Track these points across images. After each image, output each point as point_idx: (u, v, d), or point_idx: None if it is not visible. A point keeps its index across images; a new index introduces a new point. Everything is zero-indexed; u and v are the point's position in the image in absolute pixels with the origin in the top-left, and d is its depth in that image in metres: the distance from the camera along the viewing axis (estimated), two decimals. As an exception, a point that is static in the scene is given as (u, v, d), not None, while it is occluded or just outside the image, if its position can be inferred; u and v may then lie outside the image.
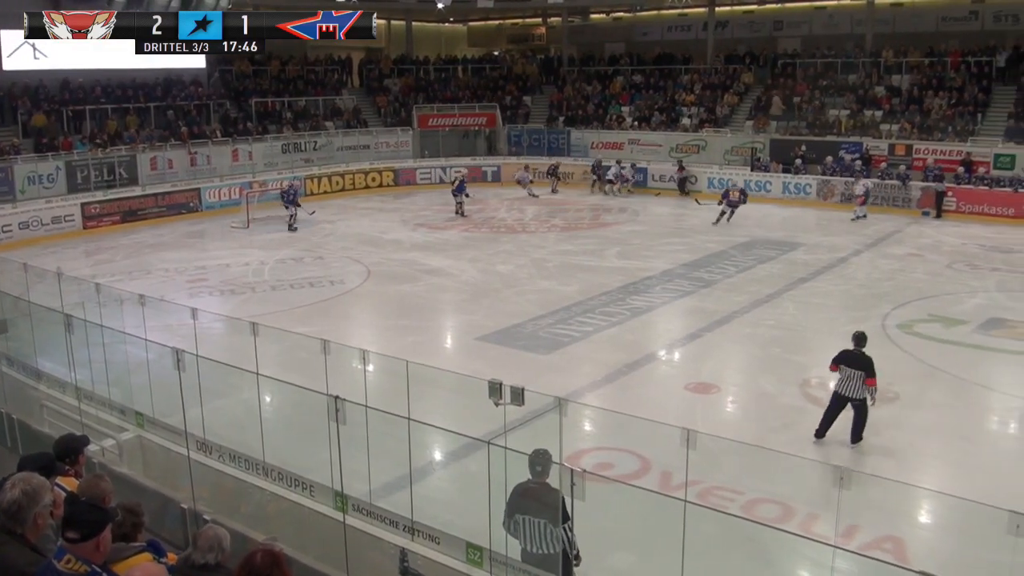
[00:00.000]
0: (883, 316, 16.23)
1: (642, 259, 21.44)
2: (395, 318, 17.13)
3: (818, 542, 7.18)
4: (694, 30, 39.91)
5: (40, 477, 4.82)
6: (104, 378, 11.11)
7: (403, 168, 34.80)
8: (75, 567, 4.19)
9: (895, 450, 10.91)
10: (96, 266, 21.38)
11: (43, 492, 4.58)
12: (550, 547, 6.71)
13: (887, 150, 29.63)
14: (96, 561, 4.30)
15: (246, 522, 7.88)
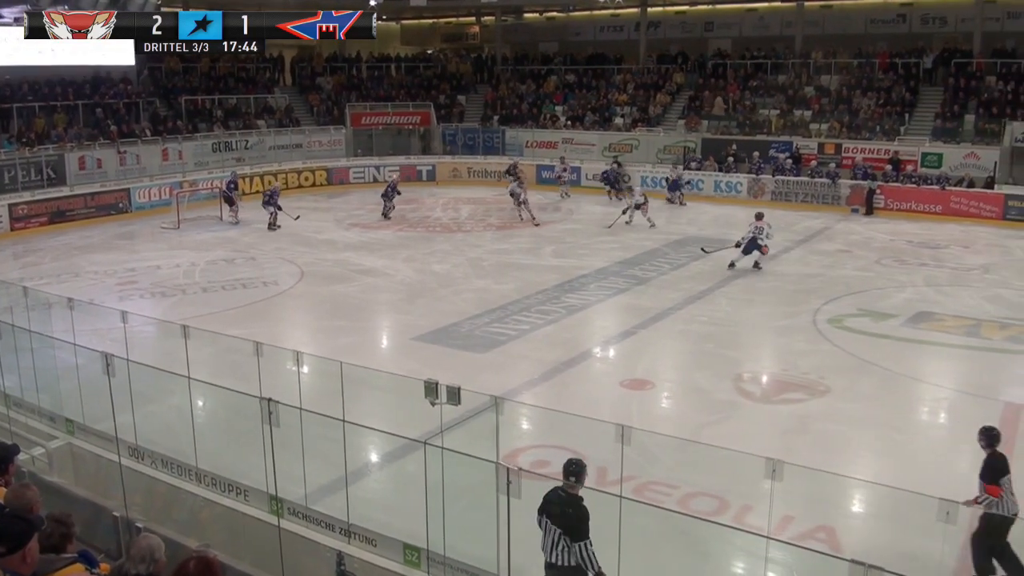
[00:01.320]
0: (814, 311, 16.54)
1: (577, 257, 21.56)
2: (329, 319, 17.00)
3: (752, 533, 7.31)
4: (626, 30, 40.24)
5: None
6: (33, 384, 10.88)
7: (336, 167, 34.52)
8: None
9: (827, 442, 11.12)
10: (24, 269, 20.87)
11: None
12: (564, 559, 6.59)
13: (817, 149, 30.23)
14: (24, 573, 4.23)
15: (179, 529, 7.80)
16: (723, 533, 7.78)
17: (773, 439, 10.92)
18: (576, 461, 6.72)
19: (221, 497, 8.61)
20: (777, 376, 13.60)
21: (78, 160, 28.17)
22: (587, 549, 6.47)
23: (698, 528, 7.89)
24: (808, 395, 12.63)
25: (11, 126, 28.50)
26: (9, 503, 5.00)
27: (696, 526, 7.90)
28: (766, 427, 11.52)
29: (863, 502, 9.69)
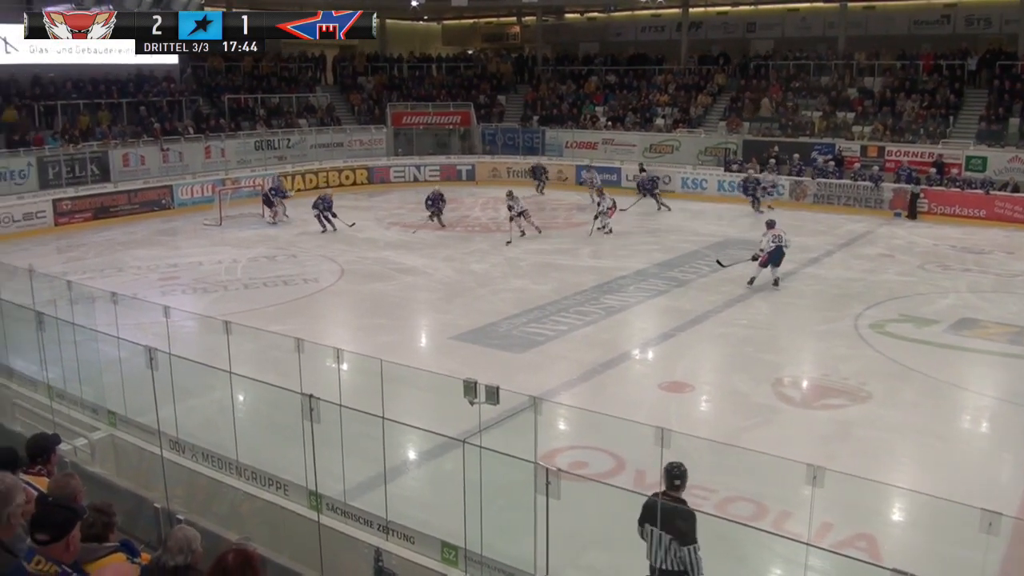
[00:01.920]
0: (855, 316, 16.36)
1: (616, 259, 21.49)
2: (369, 317, 17.08)
3: (791, 540, 7.22)
4: (668, 31, 40.06)
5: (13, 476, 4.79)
6: (76, 376, 11.01)
7: (377, 166, 34.71)
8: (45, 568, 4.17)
9: (867, 448, 10.99)
10: (68, 263, 21.18)
11: (16, 491, 4.54)
12: (674, 564, 6.61)
13: (859, 151, 29.88)
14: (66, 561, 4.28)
15: (220, 521, 7.87)
16: (762, 539, 7.72)
17: (813, 445, 10.82)
18: (679, 464, 6.77)
19: (261, 491, 8.67)
20: (817, 381, 13.46)
21: (122, 157, 28.57)
22: (695, 553, 6.55)
23: (736, 533, 7.83)
24: (849, 401, 12.49)
25: (56, 123, 28.92)
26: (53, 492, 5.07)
27: (734, 531, 7.83)
28: (806, 432, 11.42)
29: (904, 511, 9.57)
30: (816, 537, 7.56)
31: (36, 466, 5.96)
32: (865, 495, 8.89)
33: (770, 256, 18.19)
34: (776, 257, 18.24)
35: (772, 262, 18.27)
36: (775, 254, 18.19)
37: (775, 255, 18.21)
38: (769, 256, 18.18)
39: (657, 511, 6.59)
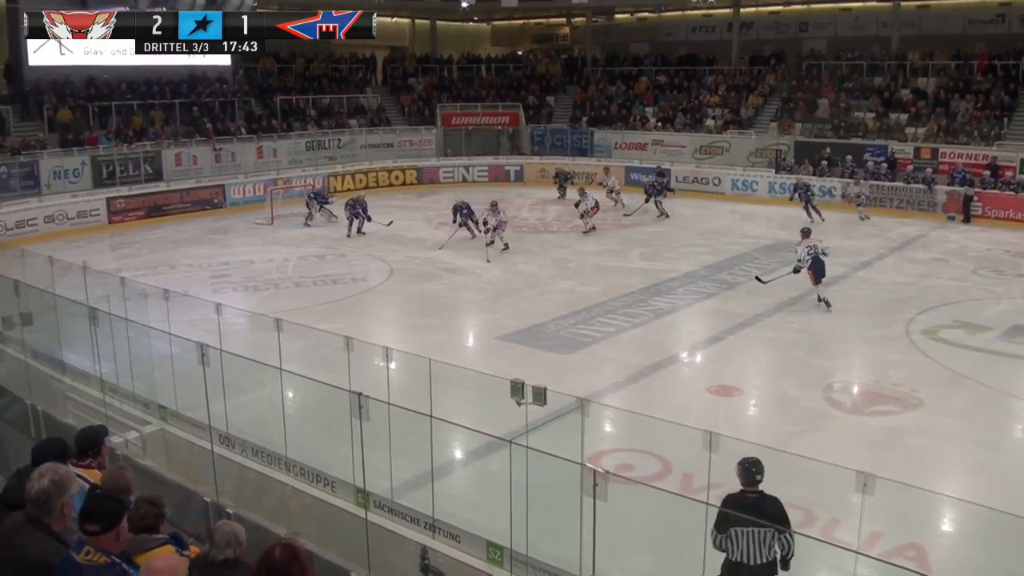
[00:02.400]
0: (907, 321, 16.11)
1: (665, 260, 21.38)
2: (417, 316, 17.16)
3: (840, 548, 7.14)
4: (719, 31, 39.78)
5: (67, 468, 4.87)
6: (128, 371, 11.19)
7: (426, 167, 34.87)
8: (95, 558, 4.23)
9: (918, 456, 10.84)
10: (121, 260, 21.54)
11: (70, 482, 4.63)
12: (768, 556, 6.65)
13: (912, 153, 29.41)
14: (115, 552, 4.34)
15: (268, 516, 7.94)
16: (810, 546, 7.62)
17: (862, 451, 10.66)
18: (755, 459, 6.84)
19: (309, 487, 8.75)
20: (868, 387, 13.28)
21: (175, 156, 28.98)
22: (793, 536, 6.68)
23: (784, 539, 7.75)
24: (900, 408, 12.31)
25: (110, 123, 29.45)
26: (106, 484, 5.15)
27: (782, 537, 7.75)
28: (855, 439, 11.27)
29: (954, 521, 9.42)
30: (865, 545, 7.46)
31: (86, 458, 6.04)
32: (915, 504, 8.75)
33: (814, 270, 16.94)
34: (819, 269, 16.94)
35: (817, 275, 16.98)
36: (816, 266, 16.93)
37: (817, 267, 16.94)
38: (813, 271, 16.94)
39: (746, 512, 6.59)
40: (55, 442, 6.02)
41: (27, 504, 4.49)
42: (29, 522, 4.46)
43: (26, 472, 4.97)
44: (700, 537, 6.46)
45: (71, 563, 4.21)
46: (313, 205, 26.42)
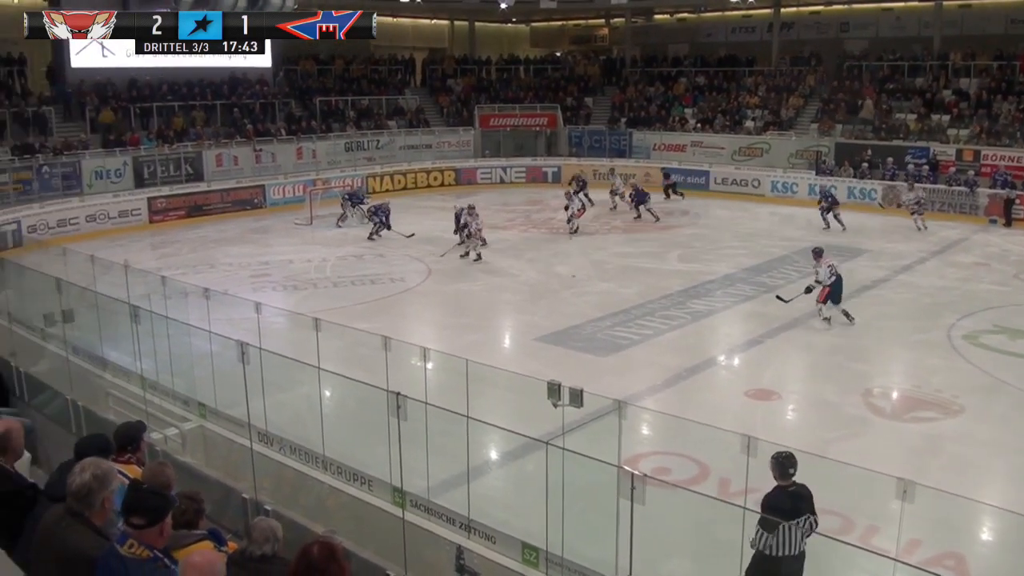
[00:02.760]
0: (948, 326, 15.91)
1: (703, 263, 21.27)
2: (454, 316, 17.21)
3: (879, 555, 7.06)
4: (759, 31, 39.51)
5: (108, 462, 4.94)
6: (168, 368, 11.30)
7: (464, 167, 34.96)
8: (138, 551, 4.28)
9: (958, 464, 10.69)
10: (162, 259, 21.80)
11: (112, 477, 4.69)
12: (803, 545, 6.87)
13: (954, 155, 29.01)
14: (158, 546, 4.39)
15: (306, 514, 7.98)
16: (848, 553, 7.54)
17: (902, 458, 10.56)
18: (788, 453, 7.10)
19: (346, 486, 8.79)
20: (908, 393, 13.13)
21: (215, 157, 29.30)
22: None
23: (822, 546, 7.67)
24: (940, 414, 12.16)
25: (151, 124, 29.81)
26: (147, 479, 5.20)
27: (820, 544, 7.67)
28: (895, 445, 11.15)
29: (994, 530, 9.27)
30: (903, 553, 7.38)
31: (125, 454, 6.12)
32: (955, 512, 8.64)
33: (832, 290, 16.04)
34: (837, 290, 16.09)
35: (833, 298, 16.06)
36: (837, 287, 16.09)
37: (837, 287, 16.08)
38: (831, 290, 16.03)
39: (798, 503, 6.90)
40: (98, 438, 6.10)
41: (68, 498, 4.56)
42: (70, 515, 4.53)
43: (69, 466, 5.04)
44: (737, 541, 6.41)
45: (115, 555, 4.27)
46: (347, 205, 26.57)
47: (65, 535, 4.48)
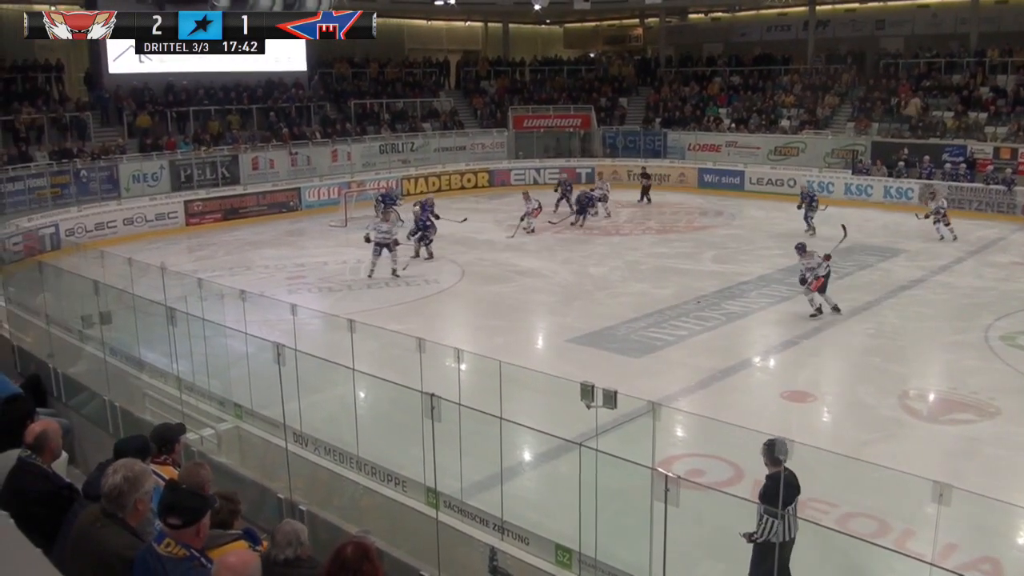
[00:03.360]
0: (986, 327, 15.72)
1: (738, 263, 21.16)
2: (488, 318, 17.23)
3: (915, 559, 7.01)
4: (794, 30, 39.23)
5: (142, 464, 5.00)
6: (204, 370, 11.40)
7: (498, 169, 35.03)
8: (175, 551, 4.34)
9: (995, 467, 10.56)
10: (198, 262, 22.02)
11: (145, 478, 4.75)
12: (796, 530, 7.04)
13: (992, 153, 28.64)
14: (196, 546, 4.45)
15: (341, 514, 8.04)
16: (883, 556, 7.48)
17: (938, 461, 10.47)
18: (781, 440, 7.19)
19: (380, 486, 8.83)
20: (945, 395, 12.99)
21: (251, 160, 29.57)
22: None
23: (857, 549, 7.63)
24: (977, 416, 12.01)
25: (188, 128, 30.15)
26: (184, 480, 5.27)
27: (855, 547, 7.63)
28: (931, 448, 11.05)
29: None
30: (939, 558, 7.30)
31: (161, 455, 6.19)
32: (992, 516, 8.54)
33: (825, 279, 16.51)
34: (824, 285, 16.58)
35: (823, 287, 16.56)
36: (827, 280, 16.61)
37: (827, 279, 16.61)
38: (825, 281, 16.51)
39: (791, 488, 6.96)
40: (136, 439, 6.16)
41: (101, 499, 4.64)
42: (105, 516, 4.60)
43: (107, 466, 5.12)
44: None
45: (152, 554, 4.34)
46: (379, 207, 26.56)
47: (100, 535, 4.55)
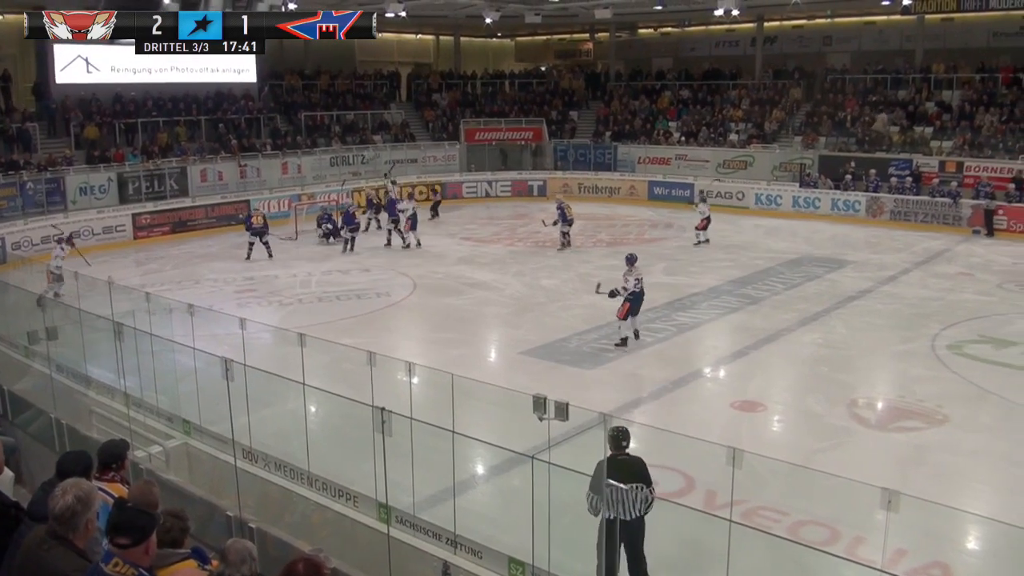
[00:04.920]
0: (932, 336, 15.98)
1: (689, 275, 21.31)
2: (440, 331, 17.18)
3: (865, 566, 7.07)
4: (742, 45, 39.75)
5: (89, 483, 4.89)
6: (152, 385, 11.23)
7: (450, 182, 34.98)
8: (123, 570, 4.25)
9: (944, 473, 10.73)
10: (146, 276, 21.71)
11: (94, 498, 4.64)
12: (638, 511, 7.38)
13: (938, 167, 29.21)
14: (144, 565, 4.36)
15: (291, 531, 7.94)
16: (834, 564, 7.55)
17: (888, 468, 10.59)
18: (623, 428, 7.74)
19: (332, 502, 8.75)
20: (893, 403, 13.17)
21: (200, 173, 29.25)
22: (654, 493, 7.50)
23: (808, 557, 7.69)
24: (925, 424, 12.19)
25: (136, 140, 29.78)
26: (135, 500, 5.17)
27: (806, 555, 7.69)
28: (881, 455, 11.17)
29: (980, 539, 9.32)
30: (889, 564, 7.38)
31: (109, 472, 6.07)
32: (941, 522, 8.66)
33: (632, 304, 15.41)
34: (637, 303, 15.52)
35: (632, 311, 15.47)
36: (637, 300, 15.50)
37: (636, 301, 15.50)
38: (632, 305, 15.40)
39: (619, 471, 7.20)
40: (80, 455, 6.04)
41: (50, 520, 4.52)
42: (52, 538, 4.48)
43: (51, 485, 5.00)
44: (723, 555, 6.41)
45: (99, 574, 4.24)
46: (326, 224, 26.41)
47: (48, 558, 4.44)
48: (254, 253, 23.79)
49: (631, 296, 15.33)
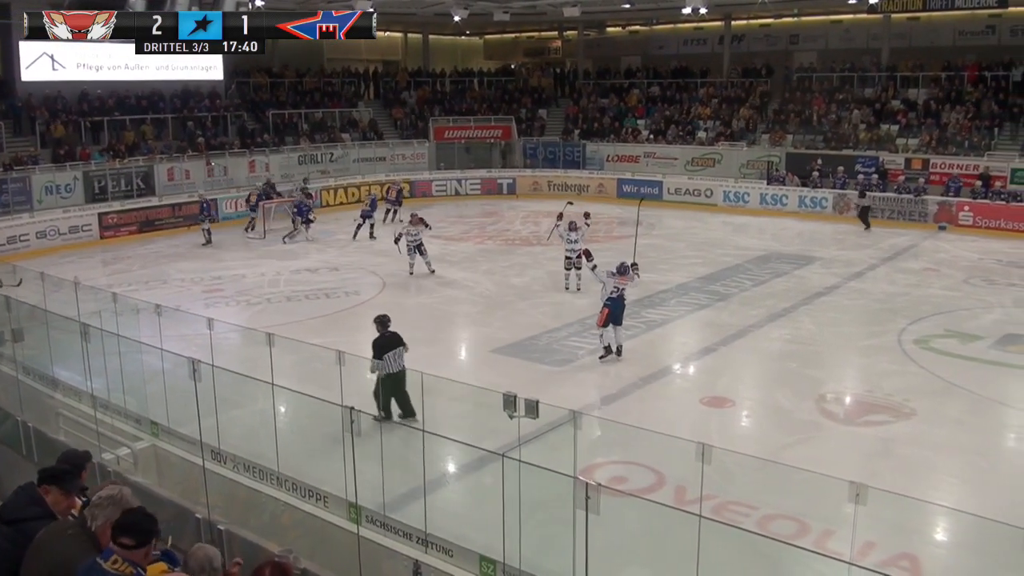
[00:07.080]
0: (899, 331, 16.15)
1: (658, 272, 21.35)
2: (410, 330, 16.99)
3: (834, 559, 7.14)
4: (710, 43, 39.93)
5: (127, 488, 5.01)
6: (120, 387, 11.14)
7: (419, 180, 34.91)
8: (122, 568, 4.32)
9: (911, 466, 10.84)
10: (113, 275, 21.50)
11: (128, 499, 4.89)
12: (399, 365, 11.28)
13: (903, 164, 29.52)
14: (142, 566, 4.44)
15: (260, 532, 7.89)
16: (803, 557, 7.61)
17: (856, 462, 10.67)
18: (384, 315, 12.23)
19: (301, 502, 8.71)
20: (861, 397, 13.29)
21: (167, 171, 29.00)
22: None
23: (778, 551, 7.74)
24: (892, 417, 12.31)
25: (102, 138, 29.47)
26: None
27: (775, 549, 7.74)
28: (849, 449, 11.27)
29: (948, 530, 9.42)
30: (858, 556, 7.45)
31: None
32: (908, 514, 8.76)
33: (612, 311, 14.45)
34: (617, 311, 14.54)
35: (613, 318, 14.45)
36: (616, 307, 14.54)
37: (616, 308, 14.54)
38: (611, 309, 14.44)
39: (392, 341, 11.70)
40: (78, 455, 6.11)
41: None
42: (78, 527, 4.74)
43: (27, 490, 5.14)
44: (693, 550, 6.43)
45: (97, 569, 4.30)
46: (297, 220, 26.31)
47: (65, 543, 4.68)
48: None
49: (609, 302, 14.35)
